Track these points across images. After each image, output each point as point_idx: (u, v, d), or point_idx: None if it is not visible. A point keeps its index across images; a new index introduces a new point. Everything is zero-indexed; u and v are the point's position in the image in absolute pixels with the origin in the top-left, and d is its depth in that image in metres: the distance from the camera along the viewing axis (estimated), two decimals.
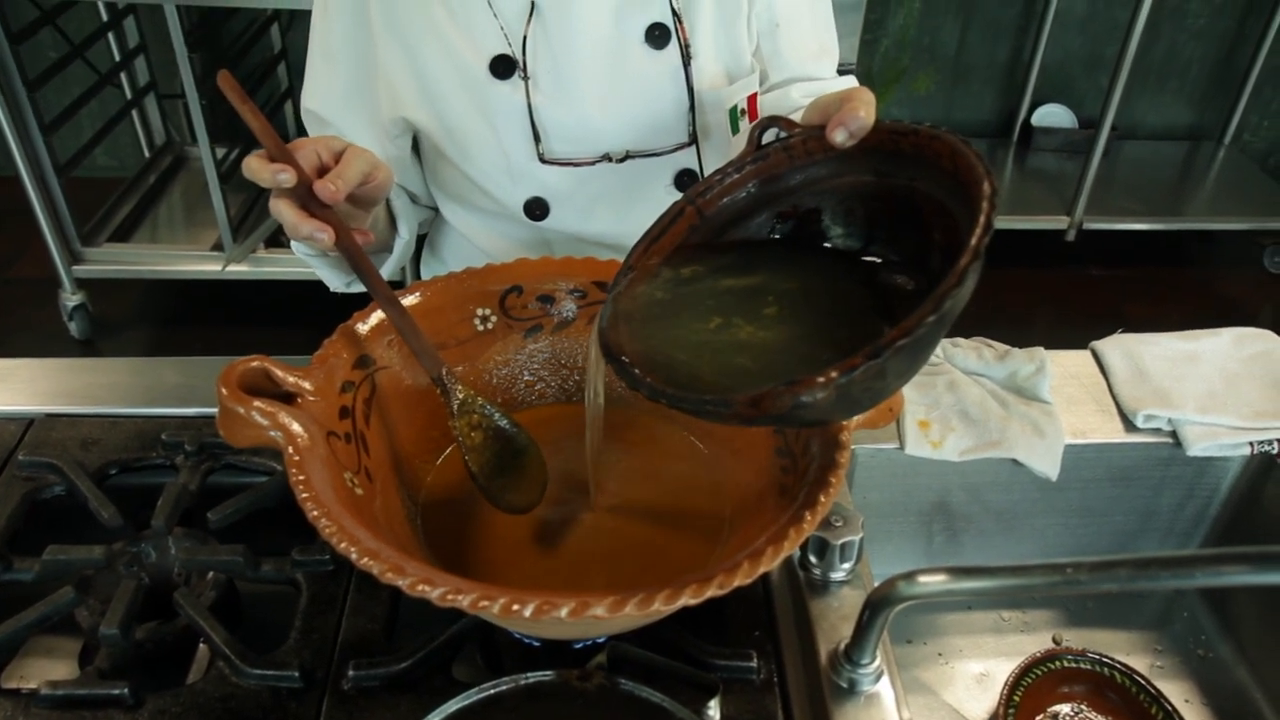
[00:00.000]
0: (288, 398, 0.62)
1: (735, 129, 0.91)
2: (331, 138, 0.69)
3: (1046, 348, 0.97)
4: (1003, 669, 0.87)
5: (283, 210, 0.64)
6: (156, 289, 2.60)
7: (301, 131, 0.87)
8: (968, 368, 0.95)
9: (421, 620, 0.70)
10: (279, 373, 0.63)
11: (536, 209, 0.92)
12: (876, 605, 0.62)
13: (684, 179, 0.93)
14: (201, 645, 0.75)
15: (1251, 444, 0.90)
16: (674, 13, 0.86)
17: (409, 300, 0.73)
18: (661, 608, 0.51)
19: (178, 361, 0.96)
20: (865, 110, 0.60)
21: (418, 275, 1.16)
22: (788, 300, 0.60)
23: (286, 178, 0.63)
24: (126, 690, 0.65)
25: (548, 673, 0.64)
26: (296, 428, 0.60)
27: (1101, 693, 0.85)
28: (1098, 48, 2.90)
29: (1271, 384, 0.94)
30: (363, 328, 0.70)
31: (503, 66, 0.85)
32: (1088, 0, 2.82)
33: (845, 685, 0.67)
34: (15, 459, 0.84)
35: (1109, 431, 0.92)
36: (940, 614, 0.95)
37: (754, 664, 0.68)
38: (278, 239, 2.43)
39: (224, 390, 0.60)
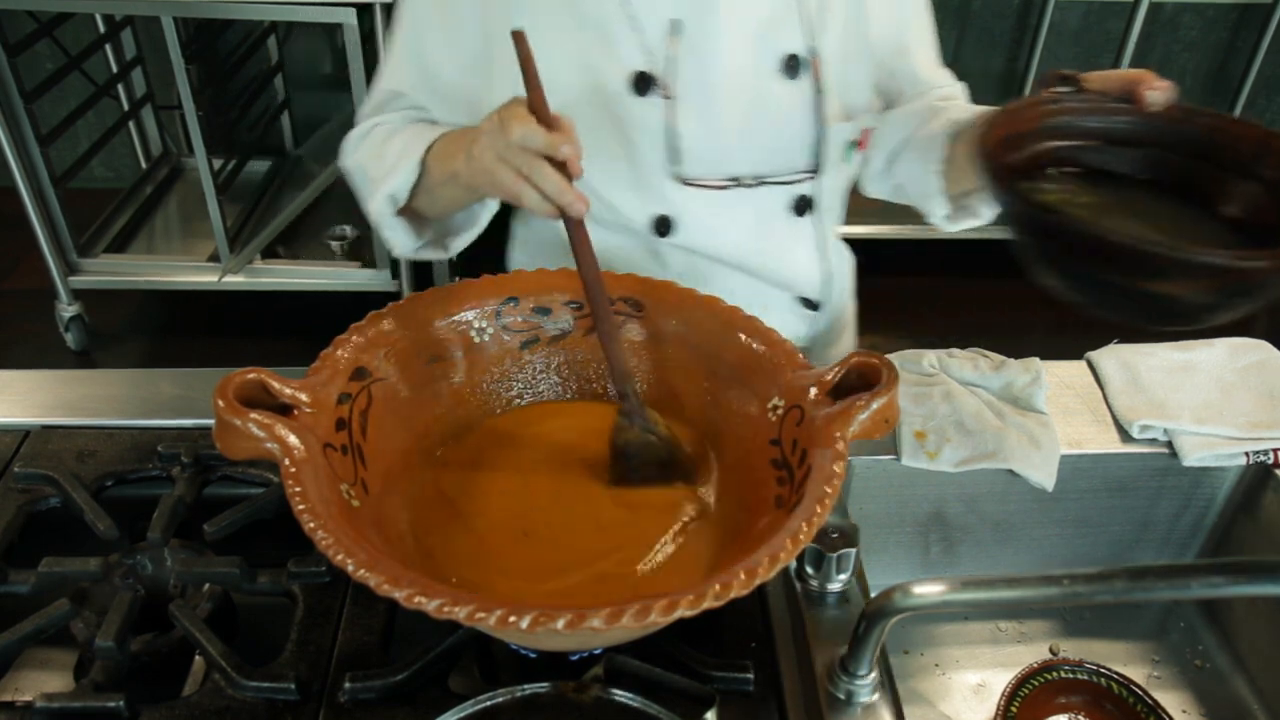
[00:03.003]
0: (284, 409, 0.62)
1: (848, 160, 0.94)
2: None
3: (1042, 358, 0.97)
4: (1000, 680, 0.87)
5: (550, 176, 0.66)
6: (153, 300, 2.60)
7: (299, 140, 0.88)
8: (964, 378, 0.95)
9: (418, 632, 0.70)
10: (275, 385, 0.63)
11: (663, 226, 0.93)
12: (873, 617, 0.62)
13: (801, 205, 0.95)
14: (197, 657, 0.74)
15: (1247, 454, 0.90)
16: (807, 45, 0.88)
17: (403, 310, 0.73)
18: (658, 619, 0.51)
19: (174, 373, 0.96)
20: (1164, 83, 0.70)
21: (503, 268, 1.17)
22: (1154, 214, 0.69)
23: (569, 150, 0.65)
24: (122, 703, 0.65)
25: (544, 684, 0.64)
26: (293, 440, 0.60)
27: (1099, 703, 0.85)
28: (1092, 59, 2.91)
29: (1267, 394, 0.94)
30: (359, 340, 0.70)
31: (643, 83, 0.86)
32: (1081, 12, 2.84)
33: (842, 697, 0.67)
34: (11, 471, 0.84)
35: (1105, 442, 0.92)
36: (937, 625, 0.95)
37: (750, 676, 0.68)
38: (274, 250, 2.44)
39: (220, 402, 0.60)
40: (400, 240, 0.87)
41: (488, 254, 1.26)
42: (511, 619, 0.50)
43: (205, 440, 0.84)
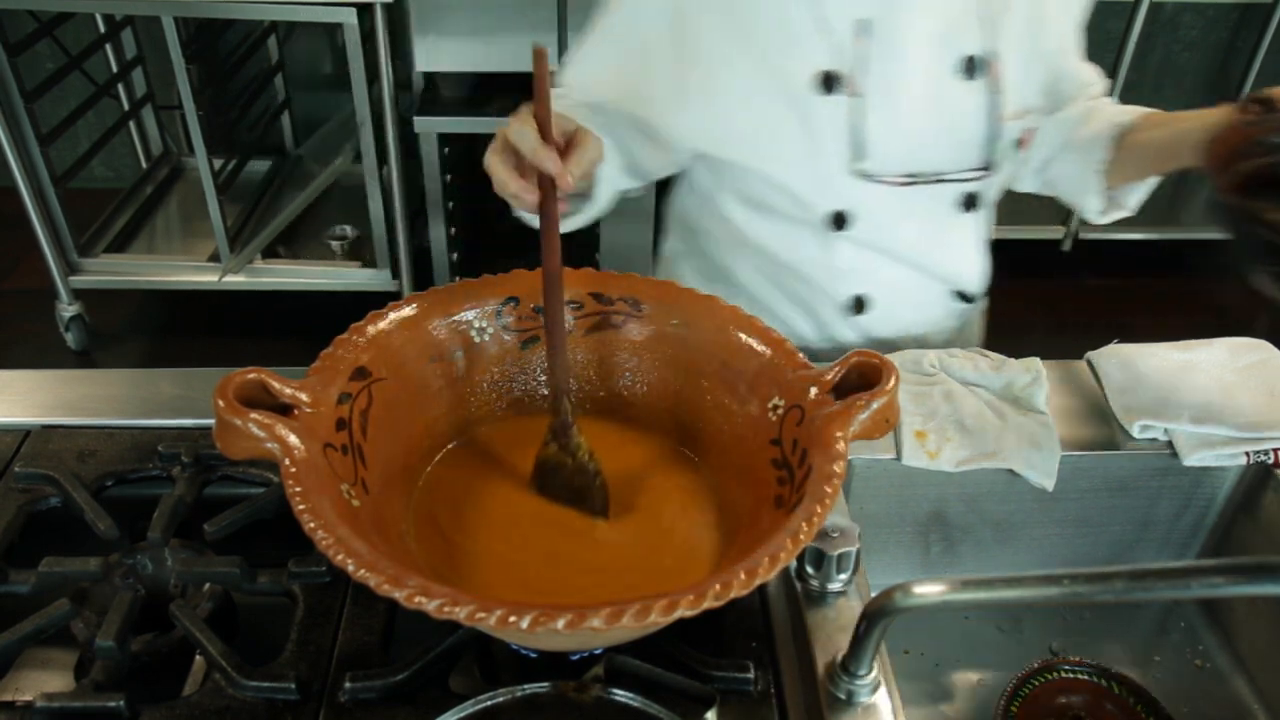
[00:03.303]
0: (284, 409, 0.62)
1: (1011, 159, 0.98)
2: (562, 116, 0.72)
3: (1042, 358, 0.97)
4: (1000, 679, 0.87)
5: (496, 166, 0.70)
6: (153, 299, 2.60)
7: (299, 140, 0.88)
8: (964, 378, 0.95)
9: (418, 632, 0.70)
10: (276, 385, 0.63)
11: (839, 220, 0.95)
12: (873, 616, 0.62)
13: (969, 201, 0.98)
14: (198, 657, 0.74)
15: (1248, 454, 0.90)
16: (986, 47, 0.90)
17: (406, 311, 0.73)
18: (659, 619, 0.51)
19: (174, 373, 0.96)
20: None
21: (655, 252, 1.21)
22: None
23: (551, 166, 0.68)
24: (122, 703, 0.65)
25: (544, 684, 0.64)
26: (293, 440, 0.60)
27: (1099, 703, 0.85)
28: (1092, 58, 2.89)
29: (1267, 394, 0.94)
30: (359, 339, 0.70)
31: (828, 82, 0.88)
32: None
33: (842, 696, 0.67)
34: (11, 471, 0.84)
35: (1105, 442, 0.92)
36: (937, 624, 0.95)
37: (751, 675, 0.68)
38: (274, 250, 2.44)
39: (221, 402, 0.60)
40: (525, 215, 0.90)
41: (488, 253, 1.26)
42: (512, 619, 0.50)
43: (205, 440, 0.84)
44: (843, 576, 0.74)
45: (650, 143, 0.94)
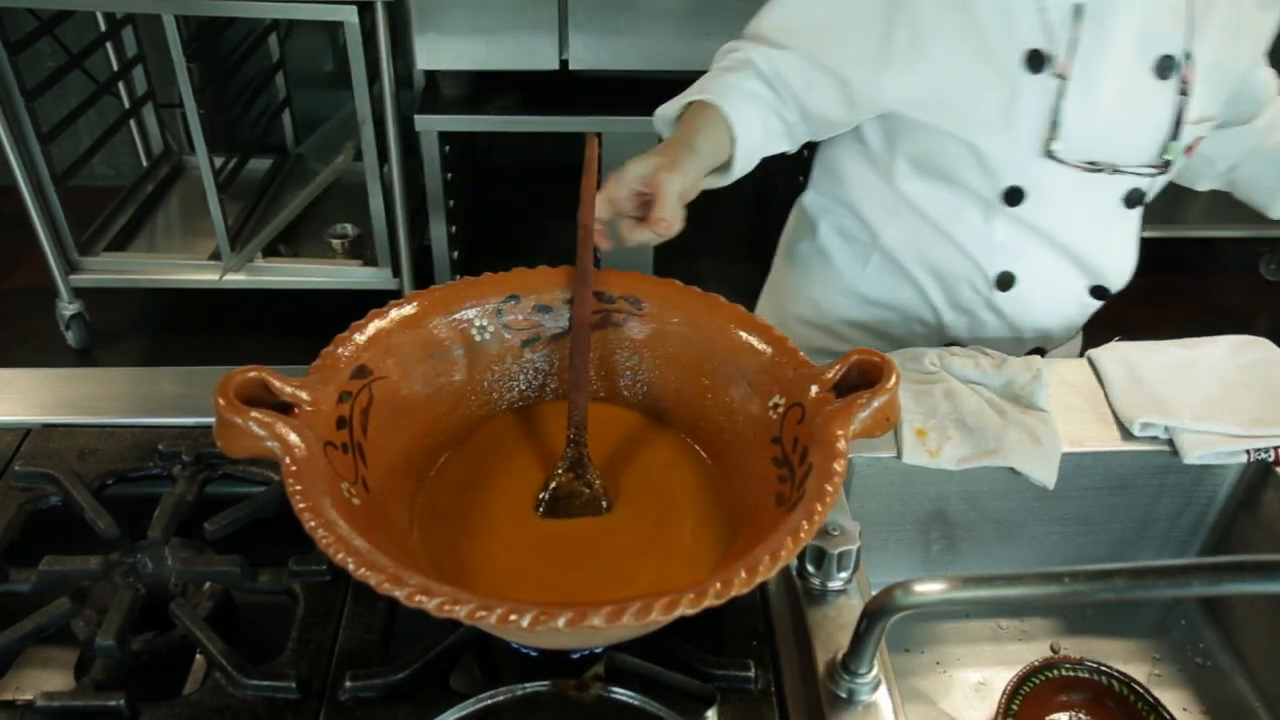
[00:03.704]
0: (285, 408, 0.62)
1: (1177, 162, 0.99)
2: (644, 163, 0.79)
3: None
4: (1001, 677, 0.87)
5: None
6: (154, 298, 2.60)
7: (300, 139, 0.89)
8: (965, 376, 0.95)
9: (419, 630, 0.70)
10: (276, 383, 0.63)
11: (1014, 196, 0.97)
12: (874, 615, 0.62)
13: (1134, 198, 1.00)
14: (198, 656, 0.74)
15: (1248, 451, 0.90)
16: (1183, 48, 0.92)
17: (407, 309, 0.73)
18: (659, 617, 0.51)
19: (175, 371, 0.96)
20: None
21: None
22: None
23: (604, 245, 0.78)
24: (122, 702, 0.65)
25: (545, 683, 0.64)
26: (293, 438, 0.60)
27: (1100, 701, 0.85)
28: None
29: (1268, 392, 0.94)
30: (360, 338, 0.70)
31: (1036, 61, 0.90)
32: None
33: (843, 695, 0.67)
34: (12, 469, 0.84)
35: (1106, 440, 0.92)
36: (938, 622, 0.95)
37: (751, 674, 0.68)
38: (275, 248, 2.44)
39: (221, 401, 0.60)
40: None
41: (488, 252, 1.26)
42: (512, 617, 0.50)
43: (206, 439, 0.84)
44: (843, 575, 0.74)
45: (836, 99, 0.95)
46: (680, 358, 0.77)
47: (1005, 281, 1.04)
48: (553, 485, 0.71)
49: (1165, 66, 0.92)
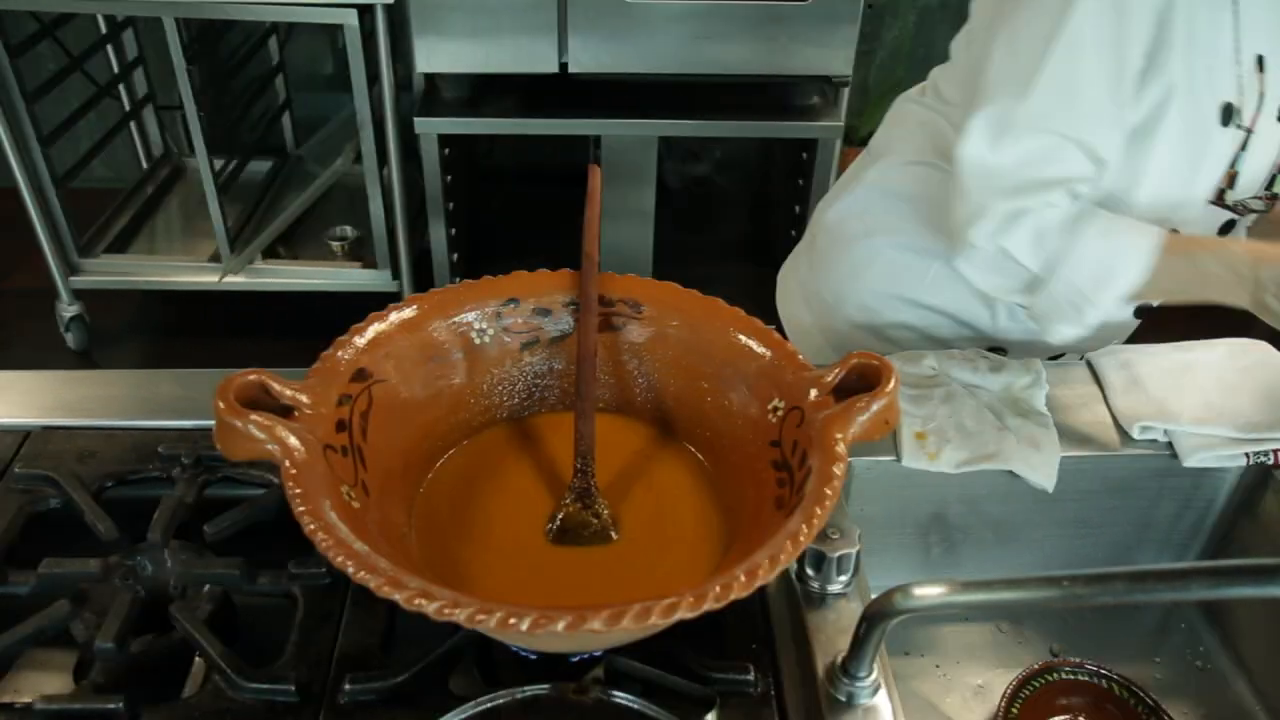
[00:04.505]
0: (285, 411, 0.62)
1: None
2: None
3: (1042, 359, 0.97)
4: (1000, 681, 0.86)
5: None
6: (153, 300, 2.60)
7: (300, 141, 0.88)
8: (964, 379, 0.95)
9: (418, 633, 0.70)
10: (276, 386, 0.63)
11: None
12: (873, 618, 0.62)
13: (1227, 226, 1.00)
14: (197, 659, 0.74)
15: (1247, 455, 0.90)
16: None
17: (406, 312, 0.73)
18: (658, 621, 0.51)
19: (175, 374, 0.96)
20: None
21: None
22: None
23: None
24: (122, 704, 0.65)
25: (544, 686, 0.64)
26: (293, 441, 0.60)
27: (1100, 705, 0.85)
28: None
29: (1267, 395, 0.94)
30: (360, 341, 0.70)
31: (1228, 114, 0.89)
32: None
33: (843, 698, 0.67)
34: (11, 472, 0.84)
35: (1105, 443, 0.92)
36: (938, 626, 0.95)
37: (751, 677, 0.68)
38: (275, 250, 2.44)
39: (221, 404, 0.60)
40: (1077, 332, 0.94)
41: (488, 255, 1.26)
42: (512, 621, 0.50)
43: (206, 441, 0.84)
44: (843, 578, 0.74)
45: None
46: (680, 361, 0.77)
47: None
48: (560, 516, 0.70)
49: (1227, 114, 0.91)
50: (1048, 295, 0.92)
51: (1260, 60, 0.89)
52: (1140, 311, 1.05)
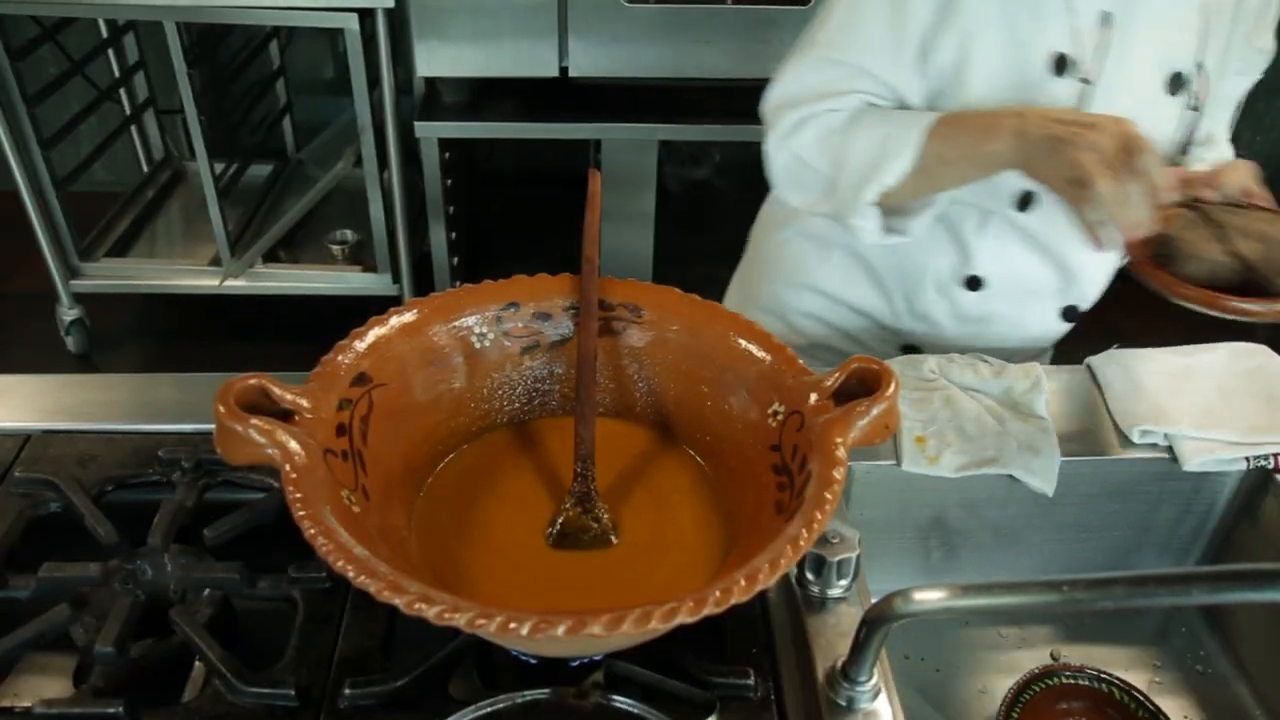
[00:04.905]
0: (285, 415, 0.62)
1: None
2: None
3: (1042, 363, 0.97)
4: (1001, 685, 0.86)
5: (1142, 198, 0.77)
6: (154, 303, 2.60)
7: (300, 145, 0.89)
8: (964, 384, 0.95)
9: (418, 638, 0.70)
10: (277, 390, 0.63)
11: (1025, 201, 0.97)
12: (874, 623, 0.62)
13: None
14: (197, 663, 0.74)
15: (1248, 459, 0.90)
16: (1194, 65, 0.92)
17: (407, 316, 0.73)
18: (658, 625, 0.51)
19: (175, 378, 0.96)
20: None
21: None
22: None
23: (1166, 197, 0.78)
24: (122, 708, 0.65)
25: (544, 690, 0.64)
26: (294, 445, 0.60)
27: (1100, 709, 0.85)
28: None
29: (1267, 399, 0.94)
30: (360, 345, 0.70)
31: (1062, 65, 0.89)
32: None
33: (843, 702, 0.67)
34: (12, 476, 0.84)
35: (1105, 447, 0.92)
36: (938, 630, 0.95)
37: (751, 681, 0.68)
38: (275, 254, 2.44)
39: (221, 408, 0.60)
40: (870, 228, 0.92)
41: (489, 258, 1.26)
42: (512, 625, 0.50)
43: (206, 445, 0.84)
44: (843, 582, 0.74)
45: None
46: (680, 365, 0.77)
47: (974, 283, 1.03)
48: (560, 520, 0.70)
49: (1177, 83, 0.92)
50: (837, 191, 0.93)
51: (1107, 16, 0.89)
52: (1071, 314, 1.06)
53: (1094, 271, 1.06)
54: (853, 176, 0.91)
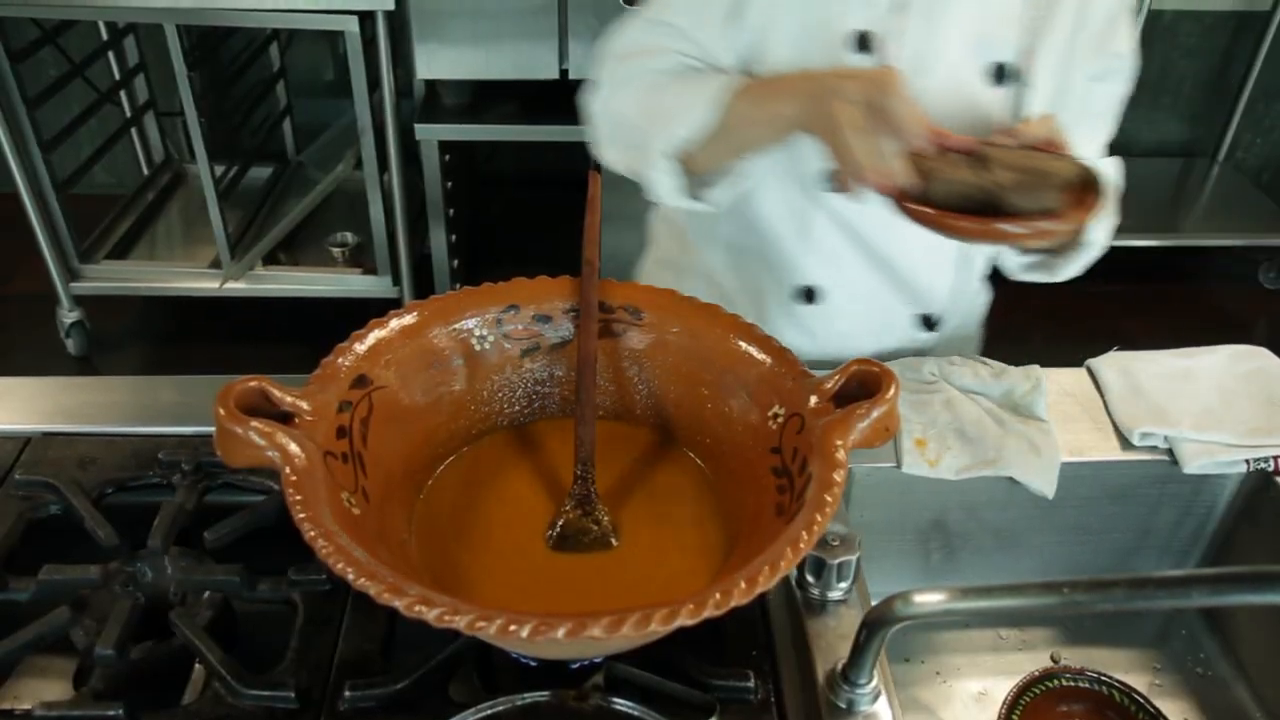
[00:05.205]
0: (285, 417, 0.62)
1: None
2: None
3: (1042, 365, 0.97)
4: (1001, 687, 0.86)
5: (889, 148, 0.76)
6: (154, 306, 2.60)
7: (300, 147, 0.89)
8: (964, 386, 0.95)
9: (418, 640, 0.70)
10: (276, 393, 0.63)
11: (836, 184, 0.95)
12: (874, 625, 0.62)
13: None
14: (197, 665, 0.74)
15: (1248, 461, 0.90)
16: (1020, 57, 0.90)
17: (407, 318, 0.73)
18: (658, 628, 0.51)
19: (175, 380, 0.96)
20: None
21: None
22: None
23: (920, 144, 0.77)
24: (121, 711, 0.65)
25: (544, 693, 0.64)
26: (294, 448, 0.60)
27: (1100, 711, 0.85)
28: None
29: (1267, 401, 0.94)
30: (360, 347, 0.70)
31: (862, 43, 0.89)
32: None
33: (843, 705, 0.67)
34: (12, 478, 0.84)
35: (1105, 449, 0.92)
36: (938, 632, 0.95)
37: (751, 684, 0.68)
38: (276, 256, 2.44)
39: (222, 410, 0.60)
40: (670, 187, 0.90)
41: (489, 261, 1.26)
42: (512, 628, 0.50)
43: (206, 447, 0.85)
44: (843, 585, 0.74)
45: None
46: (680, 367, 0.77)
47: (810, 295, 1.02)
48: (560, 523, 0.70)
49: (999, 73, 0.90)
50: (642, 144, 0.91)
51: (904, 2, 0.88)
52: (994, 278, 1.05)
53: (931, 277, 1.04)
54: (655, 126, 0.89)
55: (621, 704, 0.64)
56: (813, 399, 0.67)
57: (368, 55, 2.08)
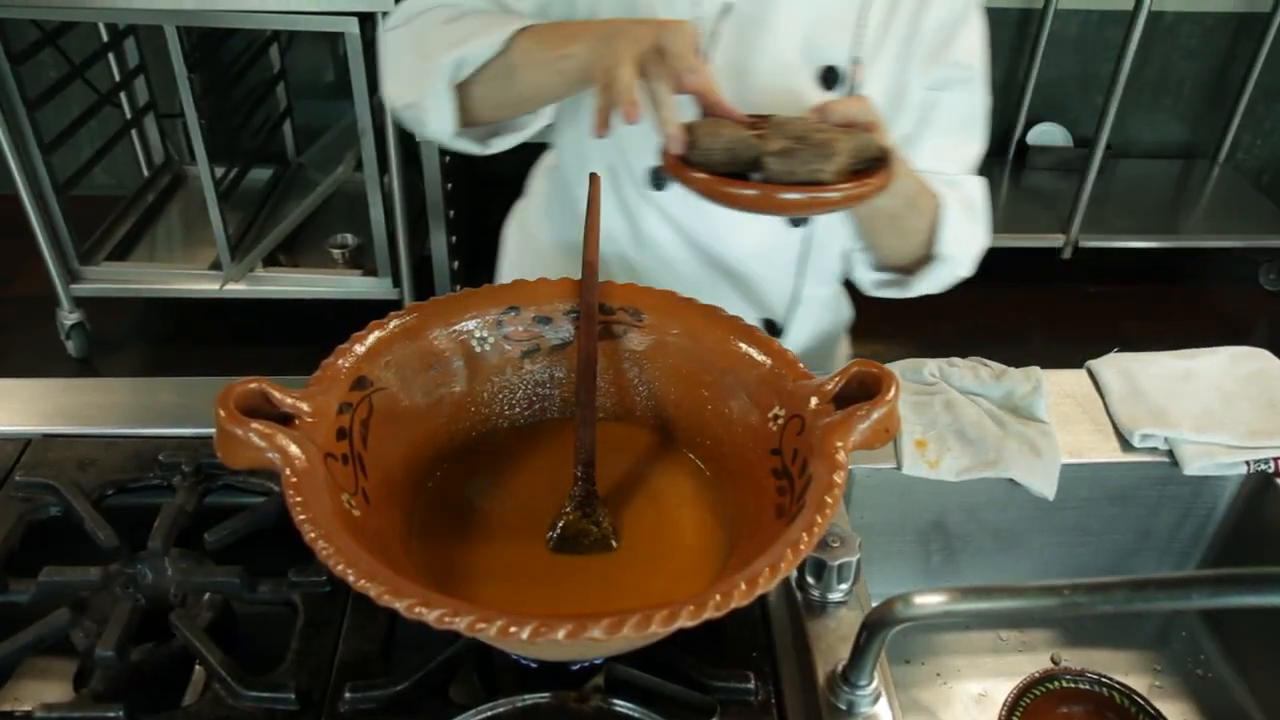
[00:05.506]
0: (285, 419, 0.62)
1: None
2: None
3: (1042, 367, 0.97)
4: (1001, 689, 0.86)
5: (666, 95, 0.74)
6: (154, 307, 2.60)
7: (300, 149, 0.89)
8: (964, 387, 0.95)
9: (419, 641, 0.70)
10: (277, 394, 0.63)
11: (659, 179, 0.94)
12: (874, 627, 0.62)
13: (796, 219, 0.96)
14: (197, 667, 0.74)
15: (1248, 463, 0.90)
16: (855, 61, 0.89)
17: (407, 320, 0.73)
18: (659, 629, 0.51)
19: (175, 382, 0.96)
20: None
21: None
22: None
23: (697, 81, 0.74)
24: (122, 713, 0.65)
25: (545, 694, 0.64)
26: (294, 449, 0.60)
27: (1101, 713, 0.85)
28: (1091, 67, 2.92)
29: (1267, 403, 0.94)
30: (360, 349, 0.70)
31: None
32: (1081, 20, 2.85)
33: (843, 707, 0.67)
34: (12, 479, 0.84)
35: (1106, 451, 0.92)
36: (938, 634, 0.95)
37: (751, 685, 0.68)
38: (276, 258, 2.44)
39: (222, 412, 0.60)
40: (442, 118, 0.86)
41: (489, 262, 1.26)
42: (512, 629, 0.50)
43: (206, 449, 0.85)
44: (843, 586, 0.74)
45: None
46: (680, 369, 0.77)
47: None
48: (561, 524, 0.70)
49: (830, 77, 0.89)
50: (423, 73, 0.86)
51: (727, 7, 0.86)
52: (770, 328, 1.03)
53: (769, 280, 1.01)
54: (438, 51, 0.85)
55: (622, 705, 0.64)
56: (813, 400, 0.67)
57: (368, 56, 2.08)
